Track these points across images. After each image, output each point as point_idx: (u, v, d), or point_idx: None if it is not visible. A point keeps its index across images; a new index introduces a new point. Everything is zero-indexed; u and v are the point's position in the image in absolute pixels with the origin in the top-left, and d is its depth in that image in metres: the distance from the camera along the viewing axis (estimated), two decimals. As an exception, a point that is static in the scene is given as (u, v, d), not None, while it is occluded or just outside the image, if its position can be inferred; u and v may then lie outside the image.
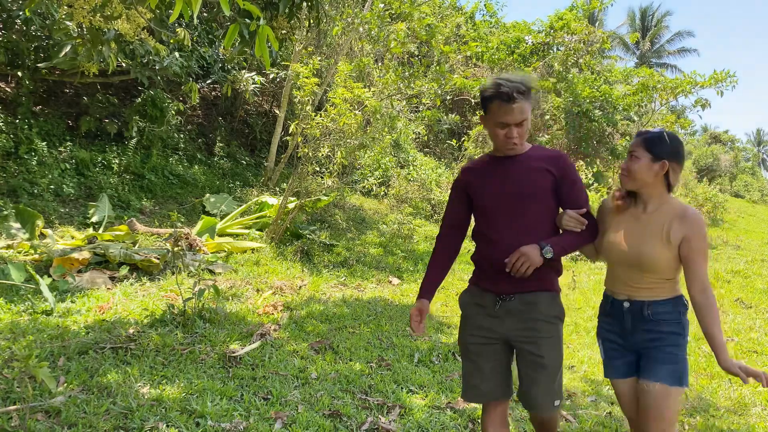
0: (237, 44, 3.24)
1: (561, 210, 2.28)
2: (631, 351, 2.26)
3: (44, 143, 8.02)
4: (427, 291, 2.39)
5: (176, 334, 4.01)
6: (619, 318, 2.27)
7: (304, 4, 4.18)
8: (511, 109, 2.11)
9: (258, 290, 5.61)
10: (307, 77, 7.37)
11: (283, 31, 4.75)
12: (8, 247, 5.87)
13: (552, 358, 2.20)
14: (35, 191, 7.34)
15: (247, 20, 2.88)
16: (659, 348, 2.16)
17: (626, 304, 2.23)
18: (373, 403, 3.32)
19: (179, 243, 5.81)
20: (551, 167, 2.22)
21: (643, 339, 2.20)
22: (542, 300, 2.23)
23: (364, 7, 10.52)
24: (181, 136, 10.51)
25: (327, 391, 3.42)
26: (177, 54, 8.72)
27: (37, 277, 4.70)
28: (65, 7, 4.62)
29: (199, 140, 11.01)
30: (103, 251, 5.64)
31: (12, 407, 2.75)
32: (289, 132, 7.99)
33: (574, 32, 13.60)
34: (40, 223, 6.39)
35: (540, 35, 14.13)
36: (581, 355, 4.66)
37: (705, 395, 3.94)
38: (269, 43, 3.08)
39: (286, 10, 3.89)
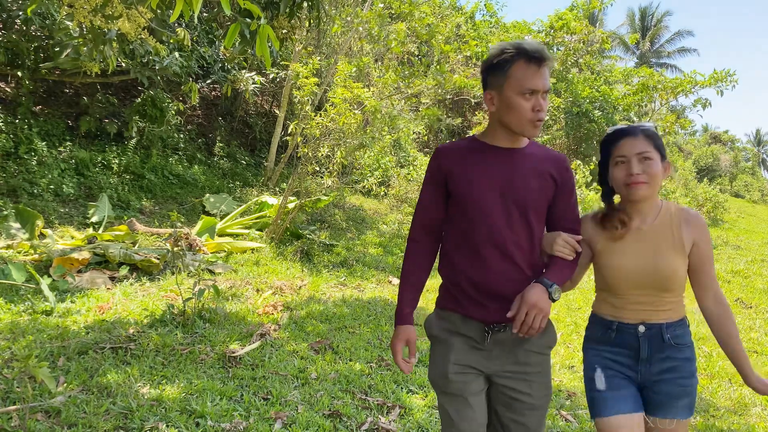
0: (237, 44, 3.24)
1: (546, 228, 1.88)
2: (635, 384, 1.91)
3: (44, 143, 8.02)
4: (409, 314, 1.89)
5: (176, 334, 4.01)
6: (631, 346, 1.88)
7: (305, 3, 4.18)
8: (541, 72, 1.69)
9: (258, 290, 5.61)
10: (306, 77, 7.37)
11: (284, 31, 4.76)
12: (8, 247, 5.86)
13: (542, 397, 1.82)
14: (35, 191, 7.33)
15: (248, 20, 2.88)
16: (674, 381, 1.84)
17: (642, 329, 1.85)
18: (373, 403, 3.31)
19: (179, 243, 5.80)
20: (555, 172, 1.82)
21: (659, 370, 1.85)
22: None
23: (364, 7, 10.53)
24: (181, 136, 10.51)
25: (327, 391, 3.42)
26: (177, 54, 8.72)
27: (38, 276, 4.70)
28: (66, 8, 4.62)
29: (199, 140, 11.01)
30: (102, 251, 5.63)
31: (12, 407, 2.75)
32: (289, 132, 7.99)
33: (574, 32, 13.62)
34: (39, 223, 6.39)
35: (540, 35, 14.15)
36: (581, 355, 4.66)
37: (705, 395, 3.94)
38: (270, 43, 3.08)
39: (287, 10, 3.89)
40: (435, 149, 1.89)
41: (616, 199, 1.97)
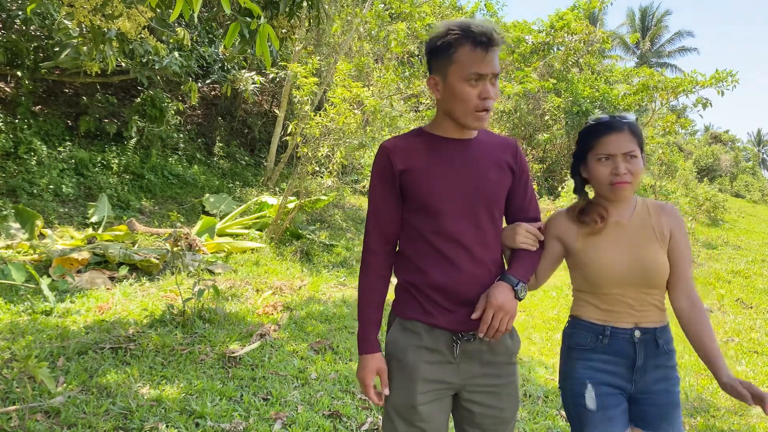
0: (237, 43, 3.23)
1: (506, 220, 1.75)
2: (627, 395, 1.75)
3: (43, 143, 8.01)
4: (376, 339, 1.72)
5: (176, 335, 4.01)
6: (626, 354, 1.72)
7: (305, 3, 4.17)
8: (489, 57, 1.53)
9: (258, 290, 5.60)
10: (305, 77, 7.36)
11: (284, 30, 4.75)
12: (8, 247, 5.86)
13: (512, 409, 1.70)
14: (34, 191, 7.33)
15: (248, 19, 2.88)
16: (667, 391, 1.71)
17: (638, 334, 1.70)
18: (372, 404, 3.31)
19: (179, 243, 5.79)
20: (510, 160, 1.70)
21: (653, 379, 1.71)
22: (506, 334, 1.67)
23: (364, 7, 10.53)
24: (181, 136, 10.51)
25: (327, 391, 3.42)
26: (176, 53, 8.72)
27: (38, 276, 4.69)
28: (66, 7, 4.62)
29: (199, 140, 11.00)
30: (102, 251, 5.63)
31: (12, 407, 2.75)
32: (289, 132, 7.99)
33: (575, 32, 13.62)
34: (39, 223, 6.38)
35: (540, 35, 14.16)
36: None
37: (705, 395, 3.94)
38: (270, 42, 3.07)
39: (287, 9, 3.89)
40: (380, 146, 1.69)
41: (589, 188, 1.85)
